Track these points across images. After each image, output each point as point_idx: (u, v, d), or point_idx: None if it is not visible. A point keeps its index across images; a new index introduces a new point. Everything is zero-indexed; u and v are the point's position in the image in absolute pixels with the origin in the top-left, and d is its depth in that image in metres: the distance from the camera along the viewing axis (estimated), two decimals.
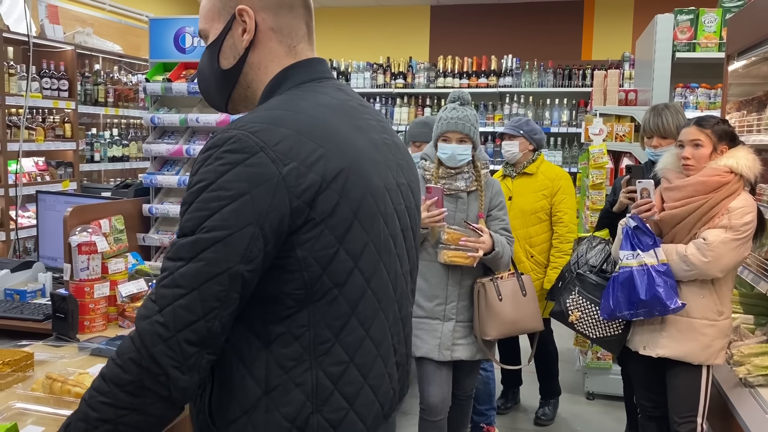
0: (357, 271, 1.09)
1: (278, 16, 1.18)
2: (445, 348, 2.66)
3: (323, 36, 6.52)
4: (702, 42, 3.89)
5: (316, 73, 1.21)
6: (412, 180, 1.29)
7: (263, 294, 1.05)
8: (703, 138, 2.41)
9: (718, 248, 2.31)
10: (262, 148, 1.00)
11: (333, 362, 1.08)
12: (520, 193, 3.53)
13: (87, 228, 2.20)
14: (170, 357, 0.97)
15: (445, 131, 2.65)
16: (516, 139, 3.54)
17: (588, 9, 7.67)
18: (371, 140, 1.17)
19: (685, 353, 2.42)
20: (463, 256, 2.58)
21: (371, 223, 1.11)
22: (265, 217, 0.99)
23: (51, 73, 4.92)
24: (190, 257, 0.98)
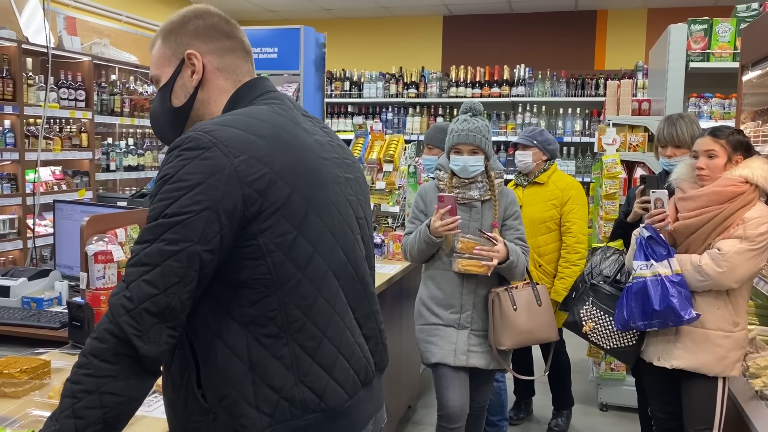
0: (317, 255, 1.23)
1: (223, 58, 1.35)
2: (460, 353, 2.66)
3: (336, 46, 6.56)
4: (716, 52, 3.88)
5: (263, 89, 1.37)
6: (359, 176, 1.45)
7: (235, 281, 1.18)
8: (718, 148, 2.40)
9: (733, 258, 2.29)
10: (215, 144, 1.15)
11: (307, 337, 1.21)
12: (530, 202, 3.52)
13: (103, 237, 2.22)
14: (132, 326, 1.08)
15: (457, 143, 2.66)
16: (529, 150, 3.54)
17: (601, 19, 7.66)
18: (316, 140, 1.33)
19: (700, 365, 2.40)
20: (478, 264, 2.58)
21: (325, 211, 1.26)
22: (219, 202, 1.12)
23: (68, 83, 4.99)
24: (153, 239, 1.11)
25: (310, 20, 8.28)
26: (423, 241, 2.64)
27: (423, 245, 2.65)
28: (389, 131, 7.18)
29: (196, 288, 1.13)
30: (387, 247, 3.75)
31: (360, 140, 4.27)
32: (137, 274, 1.10)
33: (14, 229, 4.58)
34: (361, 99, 7.51)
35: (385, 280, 3.16)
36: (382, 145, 4.17)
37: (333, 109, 7.53)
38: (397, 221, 4.10)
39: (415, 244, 2.70)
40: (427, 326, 2.74)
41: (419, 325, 2.79)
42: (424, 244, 2.64)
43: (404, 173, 4.11)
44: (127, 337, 1.08)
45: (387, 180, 4.04)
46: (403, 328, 3.65)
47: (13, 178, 4.54)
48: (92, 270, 2.18)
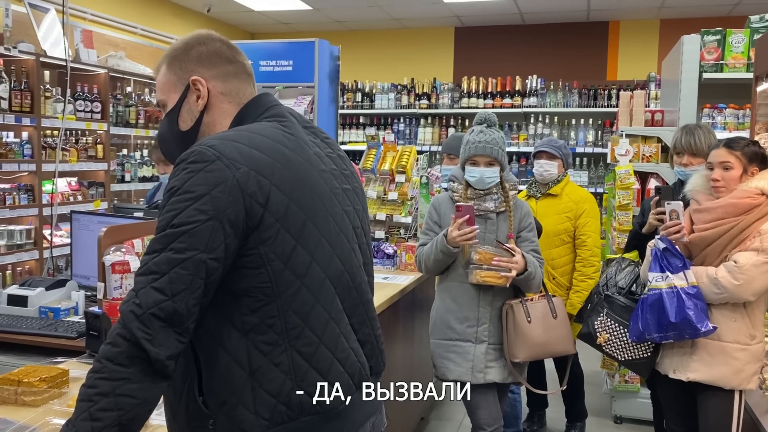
0: (314, 264, 1.29)
1: (226, 83, 1.41)
2: (477, 371, 2.64)
3: (348, 58, 6.60)
4: (729, 62, 3.87)
5: (265, 105, 1.42)
6: (356, 186, 1.50)
7: (237, 289, 1.24)
8: (733, 160, 2.40)
9: (750, 271, 2.28)
10: (218, 157, 1.20)
11: (304, 343, 1.27)
12: (544, 214, 3.49)
13: (120, 248, 2.25)
14: (142, 330, 1.13)
15: (473, 155, 2.66)
16: (556, 160, 3.53)
17: (613, 29, 7.66)
18: (316, 153, 1.39)
19: (717, 378, 2.38)
20: (496, 276, 2.57)
21: (323, 222, 1.32)
22: (223, 212, 1.18)
23: (85, 95, 5.06)
24: (161, 248, 1.17)
25: (322, 32, 8.35)
26: (440, 251, 2.63)
27: (440, 255, 2.64)
28: (401, 142, 7.20)
29: (202, 295, 1.18)
30: (399, 257, 3.75)
31: (372, 151, 4.28)
32: (146, 282, 1.16)
33: (31, 240, 4.63)
34: (373, 110, 7.55)
35: (398, 290, 3.17)
36: (395, 156, 4.19)
37: (345, 120, 7.57)
38: (410, 232, 4.11)
39: (431, 255, 2.68)
40: (443, 341, 2.72)
41: (435, 340, 2.76)
42: (441, 254, 2.63)
43: (416, 184, 4.12)
44: (138, 341, 1.12)
45: (399, 191, 4.05)
46: (416, 338, 3.65)
47: (30, 189, 4.59)
48: (109, 280, 2.20)
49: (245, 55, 1.48)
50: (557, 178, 3.56)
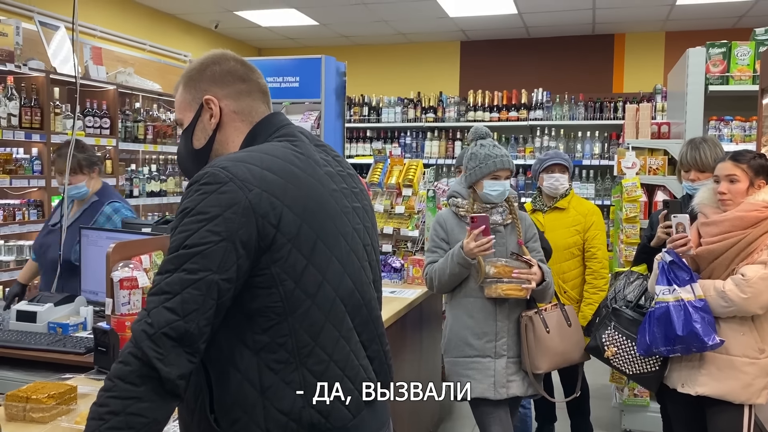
0: (325, 283, 1.30)
1: (239, 101, 1.43)
2: (500, 386, 2.62)
3: (355, 72, 6.65)
4: (735, 75, 3.87)
5: (277, 124, 1.43)
6: (366, 204, 1.52)
7: (248, 309, 1.25)
8: (739, 173, 2.39)
9: (758, 284, 2.27)
10: (231, 179, 1.22)
11: (315, 362, 1.28)
12: (552, 227, 3.49)
13: (128, 264, 2.26)
14: (154, 350, 1.13)
15: (498, 169, 2.66)
16: (567, 173, 3.55)
17: (618, 42, 7.68)
18: (327, 172, 1.40)
19: (725, 392, 2.37)
20: (517, 288, 2.57)
21: (333, 241, 1.33)
22: (236, 233, 1.19)
23: (94, 111, 5.11)
24: (174, 269, 1.18)
25: (328, 47, 8.41)
26: (457, 264, 2.60)
27: (456, 269, 2.61)
28: (408, 155, 7.23)
29: (213, 316, 1.19)
30: (407, 271, 3.75)
31: (379, 165, 4.30)
32: (158, 302, 1.17)
33: None
34: (380, 124, 7.58)
35: (405, 304, 3.17)
36: (402, 169, 4.20)
37: (352, 134, 7.60)
38: (417, 245, 4.11)
39: (446, 269, 2.65)
40: (461, 359, 2.68)
41: (452, 358, 2.73)
42: (458, 267, 2.60)
43: (423, 197, 4.13)
44: (149, 360, 1.13)
45: (406, 204, 4.06)
46: (424, 352, 3.64)
47: (40, 204, 4.63)
48: (117, 296, 2.22)
49: (261, 73, 1.50)
50: (565, 192, 3.57)
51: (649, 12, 6.70)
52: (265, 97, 1.48)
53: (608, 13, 6.79)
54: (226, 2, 6.68)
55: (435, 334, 3.84)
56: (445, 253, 2.72)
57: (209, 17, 7.35)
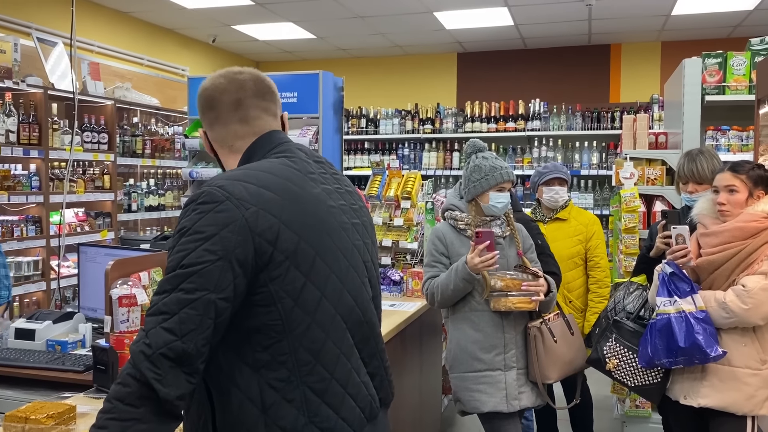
0: (324, 300, 1.30)
1: (213, 130, 1.48)
2: (512, 398, 2.61)
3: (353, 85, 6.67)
4: (731, 85, 3.88)
5: (274, 142, 1.44)
6: (365, 220, 1.52)
7: (248, 327, 1.25)
8: (738, 184, 2.40)
9: (758, 295, 2.26)
10: (228, 198, 1.23)
11: (317, 379, 1.28)
12: (554, 238, 3.48)
13: (127, 281, 2.25)
14: (152, 371, 1.13)
15: (505, 181, 2.67)
16: (566, 185, 3.57)
17: (615, 52, 7.72)
18: (324, 189, 1.40)
19: (728, 403, 2.35)
20: (527, 301, 2.57)
21: (332, 258, 1.33)
22: (232, 252, 1.19)
23: (92, 126, 5.12)
24: (171, 288, 1.18)
25: (326, 60, 8.45)
26: (461, 279, 2.57)
27: (461, 284, 2.59)
28: (406, 167, 7.23)
29: (212, 335, 1.18)
30: (406, 284, 3.74)
31: (377, 177, 4.30)
32: (156, 323, 1.17)
33: (38, 271, 4.65)
34: (378, 135, 7.59)
35: (405, 317, 3.16)
36: (400, 181, 4.20)
37: (350, 146, 7.61)
38: (416, 258, 4.10)
39: (449, 285, 2.62)
40: (470, 374, 2.65)
41: (460, 373, 2.69)
42: (462, 282, 2.58)
43: (422, 209, 4.12)
44: (147, 381, 1.13)
45: (405, 216, 4.06)
46: (424, 366, 3.62)
47: (38, 220, 4.63)
48: (116, 313, 2.20)
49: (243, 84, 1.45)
50: (565, 203, 3.59)
51: (644, 22, 6.74)
52: (240, 109, 1.43)
53: (604, 24, 6.83)
54: (223, 16, 6.71)
55: (435, 347, 3.83)
56: (445, 267, 2.71)
57: (207, 31, 7.38)
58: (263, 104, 1.47)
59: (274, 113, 1.50)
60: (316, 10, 6.39)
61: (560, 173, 3.56)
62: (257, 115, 1.46)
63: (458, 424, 4.32)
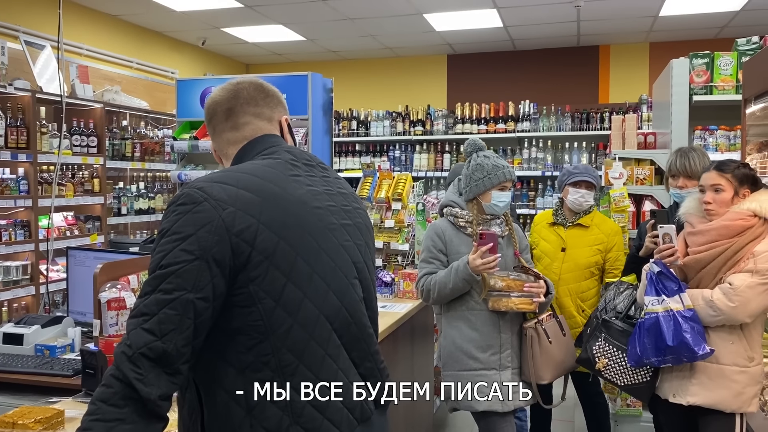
0: (307, 301, 1.29)
1: (214, 142, 1.54)
2: (507, 398, 2.62)
3: (343, 87, 6.67)
4: (719, 85, 3.91)
5: (265, 145, 1.46)
6: (359, 221, 1.51)
7: (230, 328, 1.25)
8: (724, 182, 2.41)
9: (745, 293, 2.28)
10: (206, 199, 1.24)
11: (301, 380, 1.28)
12: (574, 245, 3.36)
13: (116, 284, 2.25)
14: (133, 371, 1.14)
15: (507, 179, 2.67)
16: (593, 190, 3.41)
17: (603, 54, 7.76)
18: (309, 191, 1.40)
19: (717, 401, 2.37)
20: (528, 302, 2.57)
21: (315, 258, 1.33)
22: (209, 252, 1.20)
23: (81, 130, 5.09)
24: (151, 290, 1.20)
25: (316, 62, 8.45)
26: (461, 279, 2.58)
27: (460, 283, 2.59)
28: (397, 168, 7.24)
29: (192, 336, 1.19)
30: (397, 285, 3.75)
31: (368, 179, 4.30)
32: (137, 324, 1.18)
33: (27, 275, 4.62)
34: (369, 137, 7.59)
35: (396, 319, 3.16)
36: (391, 183, 4.21)
37: (341, 148, 7.61)
38: (407, 259, 4.11)
39: (448, 283, 2.62)
40: (465, 372, 2.66)
41: (453, 372, 2.70)
42: (461, 282, 2.59)
43: (413, 211, 4.13)
44: (129, 381, 1.13)
45: (396, 218, 4.06)
46: (416, 366, 3.62)
47: (26, 224, 4.60)
48: (105, 317, 2.20)
49: (237, 92, 1.50)
50: (589, 208, 3.45)
51: (632, 23, 6.78)
52: (231, 117, 1.50)
53: (593, 25, 6.86)
54: (212, 19, 6.70)
55: (426, 347, 3.83)
56: (442, 264, 2.71)
57: (196, 34, 7.36)
58: (255, 109, 1.50)
59: (268, 117, 1.51)
60: (305, 12, 6.39)
61: (589, 177, 3.39)
62: (247, 121, 1.49)
63: (450, 424, 4.32)
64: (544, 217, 3.58)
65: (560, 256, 3.37)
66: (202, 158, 3.87)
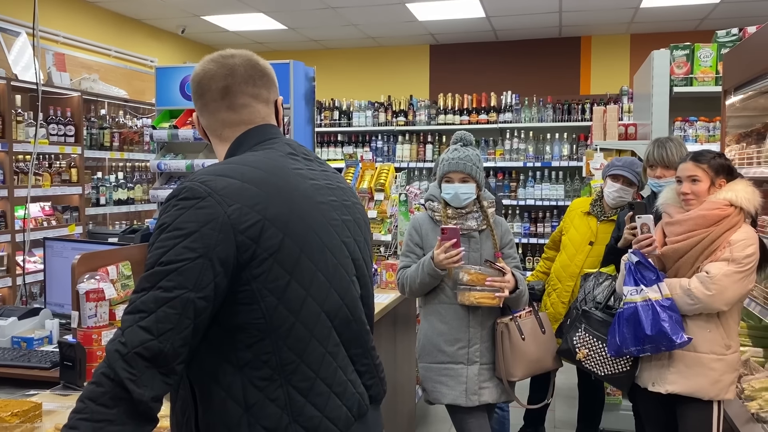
0: (309, 298, 1.26)
1: (204, 117, 1.45)
2: (471, 393, 2.62)
3: (326, 76, 6.63)
4: (698, 76, 3.95)
5: (265, 136, 1.41)
6: (359, 217, 1.48)
7: (230, 325, 1.22)
8: (700, 173, 2.44)
9: (722, 281, 2.31)
10: (210, 194, 1.19)
11: (301, 379, 1.25)
12: (603, 240, 3.18)
13: (95, 275, 2.21)
14: (127, 371, 1.09)
15: (447, 171, 2.66)
16: (633, 187, 3.22)
17: (585, 45, 7.79)
18: (312, 185, 1.36)
19: (695, 389, 2.40)
20: (490, 296, 2.55)
21: (318, 255, 1.29)
22: (213, 250, 1.16)
23: (58, 119, 5.00)
24: (150, 286, 1.15)
25: (298, 51, 8.38)
26: (427, 274, 2.59)
27: (426, 278, 2.61)
28: (379, 159, 7.22)
29: (191, 336, 1.15)
30: (380, 276, 3.74)
31: (351, 170, 4.29)
32: (133, 321, 1.13)
33: (3, 267, 4.54)
34: (351, 128, 7.56)
35: (379, 309, 3.15)
36: (373, 174, 4.20)
37: (323, 138, 7.57)
38: (390, 250, 4.11)
39: (416, 278, 2.64)
40: (434, 365, 2.68)
41: (425, 364, 2.72)
42: (428, 277, 2.60)
43: (395, 201, 4.12)
44: (122, 381, 1.09)
45: (378, 209, 4.05)
46: (398, 357, 3.63)
47: (2, 215, 4.52)
48: (84, 308, 2.17)
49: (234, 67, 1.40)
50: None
51: (614, 15, 6.81)
52: (228, 96, 1.39)
53: (574, 16, 6.88)
54: (192, 6, 6.61)
55: (409, 338, 3.84)
56: (418, 258, 2.71)
57: (176, 22, 7.26)
58: (253, 90, 1.42)
59: (266, 99, 1.44)
60: (286, 0, 6.33)
61: (629, 172, 3.19)
62: (246, 103, 1.41)
63: (432, 414, 4.34)
64: (580, 204, 3.46)
65: (586, 249, 3.30)
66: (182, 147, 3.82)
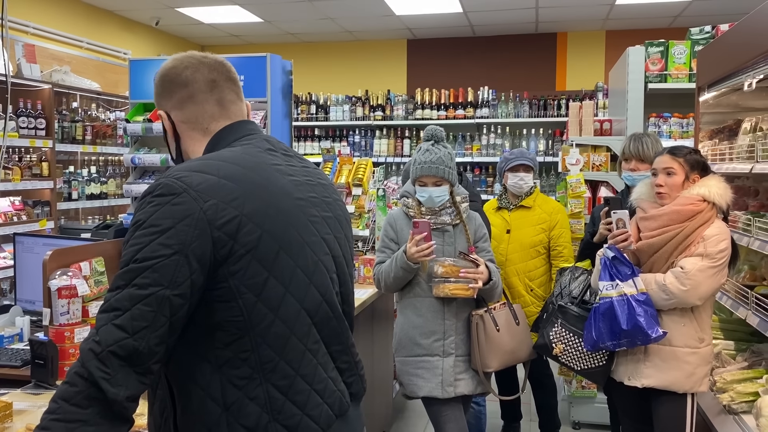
0: (288, 295, 1.25)
1: (183, 110, 1.40)
2: (447, 385, 2.63)
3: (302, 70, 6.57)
4: (673, 73, 3.99)
5: (243, 132, 1.40)
6: (339, 214, 1.46)
7: (208, 323, 1.20)
8: (676, 166, 2.47)
9: (696, 276, 2.34)
10: (185, 190, 1.17)
11: (280, 377, 1.23)
12: (518, 226, 3.51)
13: (67, 271, 2.17)
14: (101, 370, 1.07)
15: (420, 176, 2.67)
16: (531, 172, 3.54)
17: (561, 41, 7.84)
18: (291, 181, 1.34)
19: (670, 382, 2.44)
20: (464, 288, 2.58)
21: (297, 251, 1.28)
22: (189, 246, 1.14)
23: (28, 112, 4.90)
24: (124, 284, 1.13)
25: (275, 45, 8.31)
26: (400, 268, 2.61)
27: (400, 272, 2.63)
28: (357, 154, 7.21)
29: (167, 334, 1.13)
30: (358, 271, 3.74)
31: (328, 164, 4.27)
32: (107, 319, 1.11)
33: None
34: (328, 122, 7.53)
35: (357, 304, 3.13)
36: (351, 168, 4.18)
37: (300, 133, 7.53)
38: (368, 245, 4.10)
39: (391, 272, 2.66)
40: (410, 358, 2.70)
41: (401, 357, 2.74)
42: (401, 271, 2.62)
43: (373, 196, 4.11)
44: (96, 380, 1.07)
45: (356, 204, 4.04)
46: (376, 352, 3.63)
47: None
48: (56, 305, 2.13)
49: (215, 62, 1.42)
50: (529, 191, 3.57)
51: (589, 11, 6.86)
52: (216, 92, 1.40)
53: (550, 12, 6.92)
54: None
55: (387, 333, 3.84)
56: (392, 253, 2.72)
57: (150, 14, 7.14)
58: (235, 89, 1.44)
59: (242, 99, 1.47)
60: None
61: (526, 160, 3.52)
62: (232, 100, 1.42)
63: (409, 409, 4.35)
64: (490, 204, 3.70)
65: (506, 238, 3.51)
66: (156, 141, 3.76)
